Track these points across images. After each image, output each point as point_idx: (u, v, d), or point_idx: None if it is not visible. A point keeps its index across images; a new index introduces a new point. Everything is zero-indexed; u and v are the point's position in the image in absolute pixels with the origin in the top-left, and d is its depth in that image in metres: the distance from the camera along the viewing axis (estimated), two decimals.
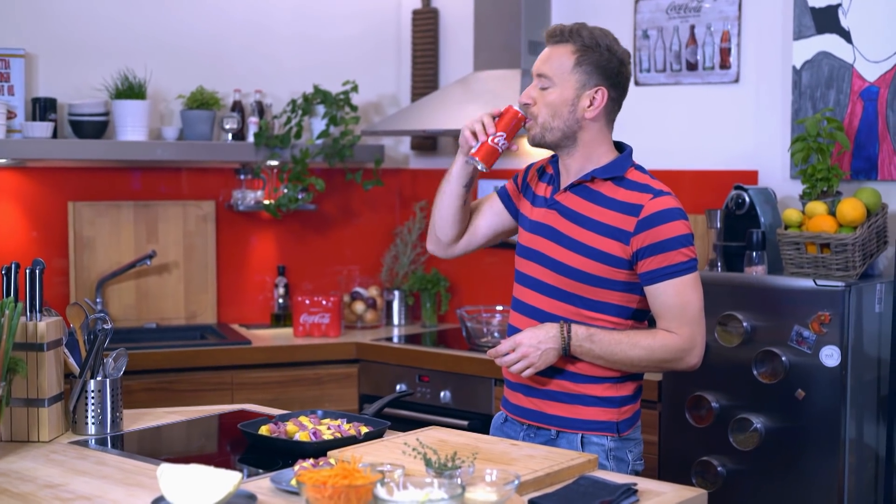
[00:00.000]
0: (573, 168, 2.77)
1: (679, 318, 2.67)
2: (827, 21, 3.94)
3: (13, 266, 2.78)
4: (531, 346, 2.65)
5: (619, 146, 2.82)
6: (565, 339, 2.66)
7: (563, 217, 2.76)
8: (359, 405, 4.53)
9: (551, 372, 2.74)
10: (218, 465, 2.21)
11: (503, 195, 2.99)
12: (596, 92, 2.71)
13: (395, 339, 4.72)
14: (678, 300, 2.66)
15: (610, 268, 2.68)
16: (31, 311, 2.75)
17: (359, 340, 4.64)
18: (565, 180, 2.79)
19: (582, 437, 2.75)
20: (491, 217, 3.00)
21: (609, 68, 2.72)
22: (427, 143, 5.23)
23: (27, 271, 2.77)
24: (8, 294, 2.76)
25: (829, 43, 3.94)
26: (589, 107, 2.71)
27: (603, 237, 2.69)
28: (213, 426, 3.07)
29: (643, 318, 2.79)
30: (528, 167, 2.97)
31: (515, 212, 2.96)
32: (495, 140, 2.74)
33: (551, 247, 2.76)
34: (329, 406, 4.38)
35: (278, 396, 4.38)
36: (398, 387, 4.40)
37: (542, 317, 2.76)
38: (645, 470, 3.59)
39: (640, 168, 2.77)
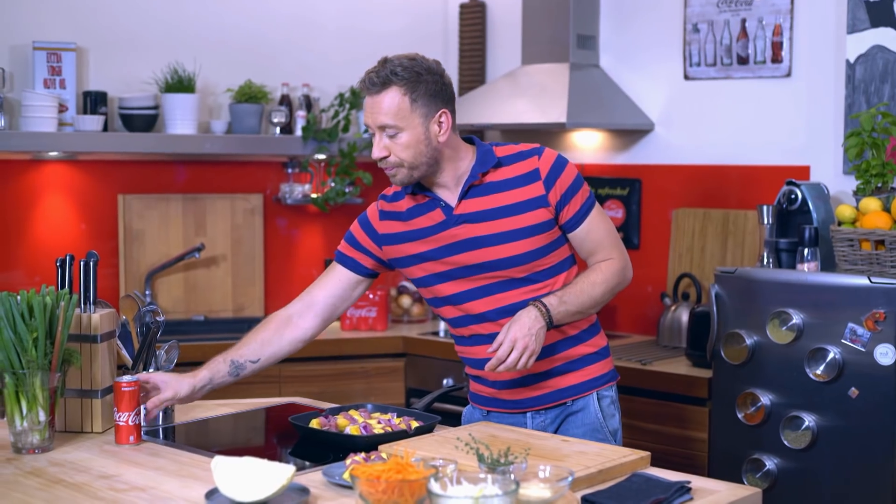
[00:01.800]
0: (450, 181, 2.80)
1: (609, 245, 2.84)
2: (882, 14, 3.89)
3: (67, 258, 2.80)
4: (525, 335, 2.65)
5: (464, 138, 2.88)
6: (545, 313, 2.70)
7: (476, 222, 2.78)
8: (405, 399, 4.54)
9: (547, 352, 2.78)
10: (269, 457, 2.22)
11: (350, 263, 2.98)
12: (440, 116, 2.73)
13: (442, 334, 4.71)
14: (601, 232, 2.83)
15: (546, 234, 2.77)
16: (85, 303, 2.77)
17: (405, 334, 4.64)
18: (451, 194, 2.81)
19: (597, 394, 2.87)
20: (346, 289, 2.99)
21: (438, 90, 2.73)
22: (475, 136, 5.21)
23: (81, 263, 2.79)
24: (62, 286, 2.78)
25: (884, 36, 3.89)
26: (440, 132, 2.73)
27: (523, 214, 2.75)
28: (263, 419, 3.08)
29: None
30: (364, 224, 2.95)
31: (368, 270, 2.96)
32: (129, 420, 2.64)
33: (480, 254, 2.77)
34: (375, 399, 4.38)
35: (325, 390, 4.38)
36: (445, 381, 4.39)
37: (510, 311, 2.76)
38: (695, 467, 3.59)
39: (497, 144, 2.86)
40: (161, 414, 2.86)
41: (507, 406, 2.89)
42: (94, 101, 4.49)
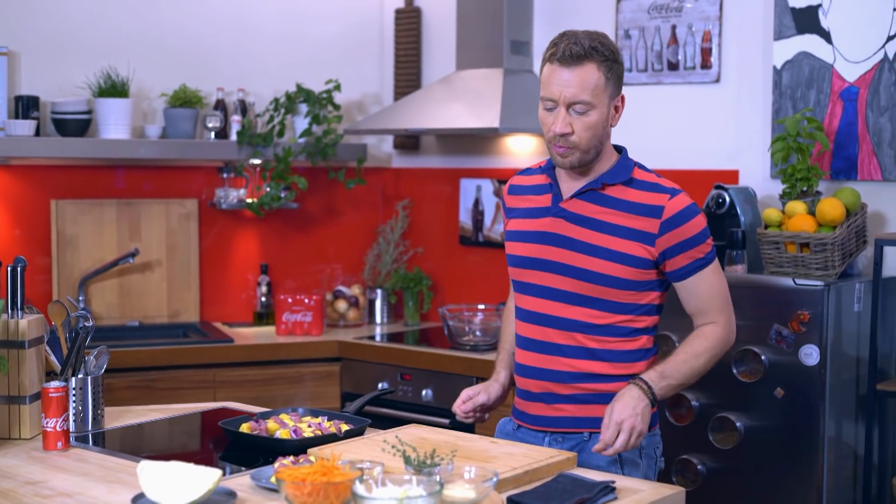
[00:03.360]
0: (583, 176, 2.72)
1: (717, 308, 2.71)
2: (807, 21, 3.96)
3: None
4: (630, 415, 2.53)
5: (615, 146, 2.79)
6: (647, 391, 2.59)
7: (574, 223, 2.69)
8: (340, 403, 4.54)
9: (577, 378, 2.70)
10: (199, 462, 2.22)
11: None
12: (619, 100, 2.69)
13: (378, 338, 4.73)
14: (710, 292, 2.70)
15: (637, 270, 2.65)
16: (12, 309, 2.75)
17: (341, 339, 4.64)
18: (569, 187, 2.73)
19: None
20: None
21: (622, 74, 2.69)
22: (410, 141, 5.24)
23: (8, 269, 2.77)
24: None
25: (810, 43, 3.96)
26: (615, 115, 2.70)
27: (624, 240, 2.64)
28: (194, 424, 3.08)
29: (661, 311, 2.79)
30: (502, 200, 2.94)
31: None
32: (57, 426, 2.62)
33: (565, 254, 2.68)
34: (311, 404, 4.39)
35: (260, 394, 4.38)
36: (380, 385, 4.41)
37: (560, 324, 2.70)
38: None
39: (640, 166, 2.75)
40: (91, 420, 2.85)
41: (530, 422, 2.79)
42: (25, 106, 4.45)
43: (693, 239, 2.66)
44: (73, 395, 2.82)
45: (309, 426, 2.73)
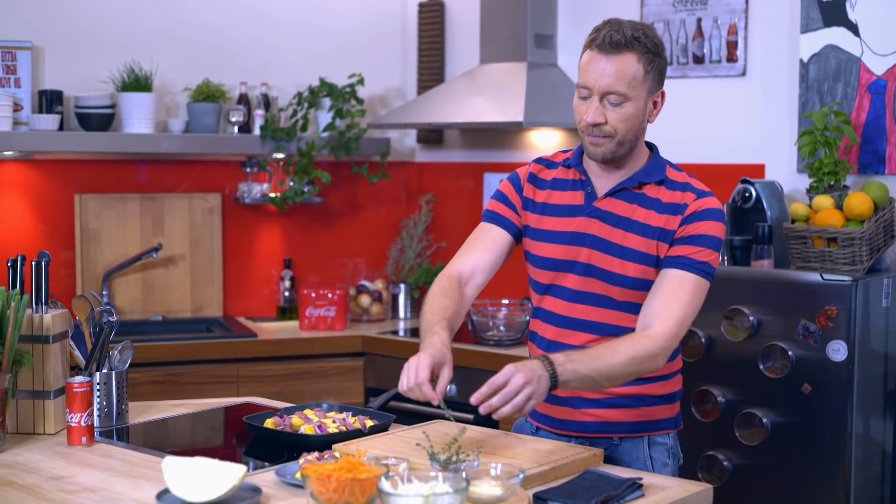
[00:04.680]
0: (615, 173, 2.63)
1: (669, 319, 2.48)
2: (834, 14, 3.93)
3: (19, 258, 2.78)
4: (528, 371, 2.31)
5: (646, 142, 2.70)
6: (549, 367, 2.34)
7: (608, 224, 2.60)
8: (364, 398, 4.53)
9: None
10: (223, 458, 2.21)
11: (504, 223, 2.74)
12: (659, 95, 2.59)
13: (401, 333, 4.72)
14: (678, 299, 2.50)
15: (657, 269, 2.57)
16: (36, 304, 2.75)
17: (364, 333, 4.64)
18: (603, 185, 2.63)
19: (648, 438, 2.67)
20: (502, 252, 2.73)
21: (664, 69, 2.59)
22: (433, 135, 5.23)
23: (33, 263, 2.77)
24: (14, 286, 2.76)
25: (837, 36, 3.93)
26: (653, 111, 2.59)
27: (649, 239, 2.57)
28: (218, 419, 3.07)
29: None
30: (514, 182, 2.78)
31: (517, 230, 2.74)
32: (81, 421, 2.61)
33: (599, 257, 2.59)
34: (334, 399, 4.38)
35: (284, 389, 4.38)
36: None
37: (594, 328, 2.61)
38: None
39: (672, 165, 2.67)
40: (115, 415, 2.85)
41: (553, 426, 2.71)
42: (49, 100, 4.46)
43: (699, 238, 2.53)
44: (98, 389, 2.82)
45: (333, 422, 2.71)
